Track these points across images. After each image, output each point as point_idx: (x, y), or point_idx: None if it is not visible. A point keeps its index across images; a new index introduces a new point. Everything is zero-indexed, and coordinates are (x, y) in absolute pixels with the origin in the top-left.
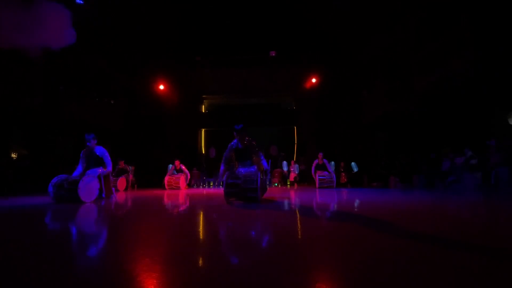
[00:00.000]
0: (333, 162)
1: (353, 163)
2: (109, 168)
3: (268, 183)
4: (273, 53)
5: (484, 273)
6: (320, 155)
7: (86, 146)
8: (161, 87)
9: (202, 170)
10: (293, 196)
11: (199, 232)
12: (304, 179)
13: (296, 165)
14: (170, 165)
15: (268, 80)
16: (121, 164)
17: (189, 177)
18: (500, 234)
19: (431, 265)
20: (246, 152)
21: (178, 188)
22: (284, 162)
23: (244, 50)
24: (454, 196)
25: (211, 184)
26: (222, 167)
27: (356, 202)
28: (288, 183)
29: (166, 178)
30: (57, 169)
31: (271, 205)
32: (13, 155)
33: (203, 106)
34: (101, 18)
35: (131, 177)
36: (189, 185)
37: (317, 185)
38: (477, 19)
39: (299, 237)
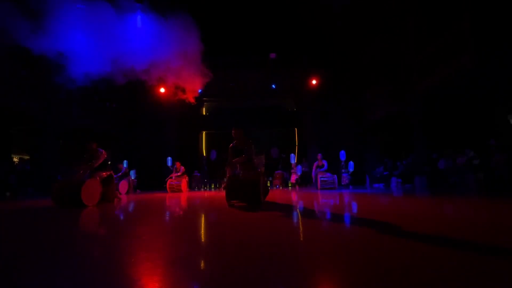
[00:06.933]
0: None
1: (350, 162)
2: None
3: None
4: (273, 56)
5: (485, 274)
6: (319, 156)
7: (86, 150)
8: (162, 90)
9: (203, 172)
10: (294, 199)
11: (200, 235)
12: (306, 181)
13: (299, 167)
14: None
15: (268, 82)
16: (121, 167)
17: (186, 176)
18: (501, 235)
19: (432, 266)
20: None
21: (180, 191)
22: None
23: (245, 52)
24: (456, 197)
25: (213, 186)
26: (226, 170)
27: (357, 204)
28: (290, 185)
29: (168, 181)
30: (58, 173)
31: (273, 207)
32: (15, 159)
33: (204, 108)
34: None
35: (130, 179)
36: (191, 187)
37: (318, 186)
38: (477, 19)
39: (301, 239)
